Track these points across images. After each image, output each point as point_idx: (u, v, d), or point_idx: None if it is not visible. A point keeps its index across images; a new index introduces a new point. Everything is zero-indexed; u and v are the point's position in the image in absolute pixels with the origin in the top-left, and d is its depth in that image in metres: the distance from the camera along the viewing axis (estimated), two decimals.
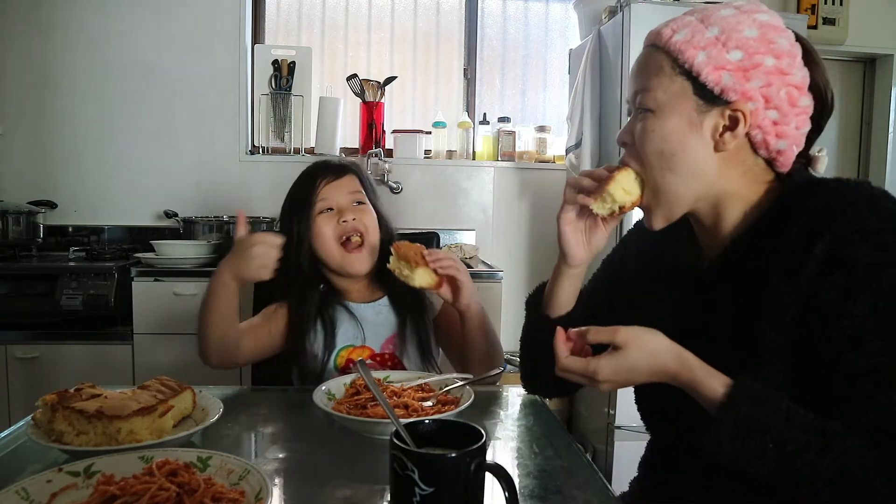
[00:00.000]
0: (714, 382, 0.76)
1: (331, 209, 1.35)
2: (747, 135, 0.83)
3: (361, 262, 1.35)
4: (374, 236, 1.37)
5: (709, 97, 0.82)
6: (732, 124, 0.82)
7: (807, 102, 0.83)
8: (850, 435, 0.70)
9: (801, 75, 0.82)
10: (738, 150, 0.84)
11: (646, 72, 0.86)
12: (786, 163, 0.85)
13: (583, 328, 0.82)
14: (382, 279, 1.39)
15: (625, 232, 1.14)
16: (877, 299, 0.72)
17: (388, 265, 1.21)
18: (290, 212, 1.38)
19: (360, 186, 1.40)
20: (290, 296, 1.36)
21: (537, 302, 1.09)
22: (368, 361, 1.33)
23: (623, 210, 0.89)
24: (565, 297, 1.03)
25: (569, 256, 0.99)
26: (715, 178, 0.85)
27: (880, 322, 0.72)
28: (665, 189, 0.86)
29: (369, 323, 1.36)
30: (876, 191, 0.78)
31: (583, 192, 0.93)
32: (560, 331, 0.84)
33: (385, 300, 1.40)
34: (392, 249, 1.21)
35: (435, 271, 1.17)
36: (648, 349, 0.78)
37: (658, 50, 0.85)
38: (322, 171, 1.38)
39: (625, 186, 0.88)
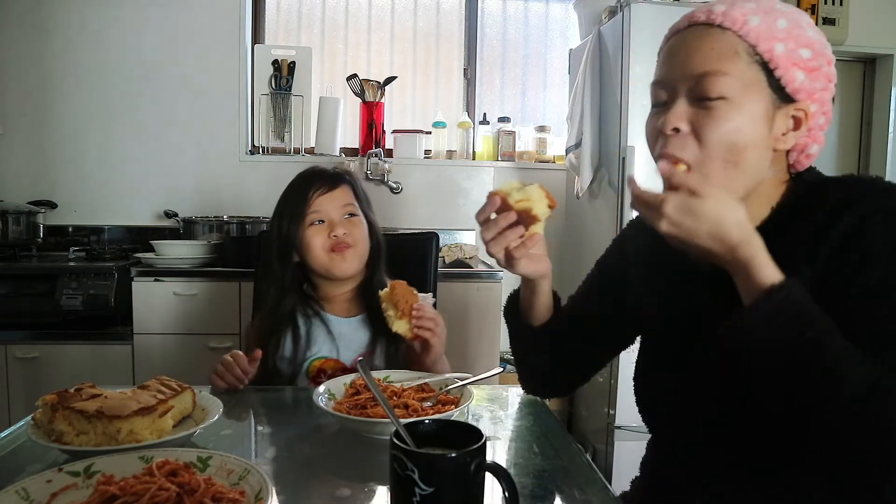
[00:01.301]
0: (772, 269, 0.72)
1: (322, 221, 1.36)
2: None
3: (348, 264, 1.36)
4: (363, 248, 1.39)
5: (781, 93, 0.79)
6: (796, 125, 0.81)
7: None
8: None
9: (835, 82, 0.83)
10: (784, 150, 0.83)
11: (713, 53, 0.78)
12: (807, 164, 0.86)
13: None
14: (364, 295, 1.41)
15: (618, 232, 1.14)
16: (889, 272, 0.72)
17: (380, 292, 1.24)
18: (281, 216, 1.39)
19: (353, 197, 1.40)
20: (269, 298, 1.38)
21: (515, 311, 1.09)
22: (338, 373, 1.34)
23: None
24: (545, 305, 1.04)
25: (542, 276, 1.00)
26: (762, 176, 0.83)
27: (890, 291, 0.71)
28: (719, 182, 0.79)
29: (345, 338, 1.38)
30: (889, 183, 0.79)
31: (514, 251, 0.91)
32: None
33: (363, 317, 1.41)
34: (389, 284, 1.23)
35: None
36: (724, 208, 0.72)
37: (725, 31, 0.79)
38: (315, 181, 1.38)
39: (541, 219, 0.90)
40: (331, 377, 1.33)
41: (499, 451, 0.97)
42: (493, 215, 0.91)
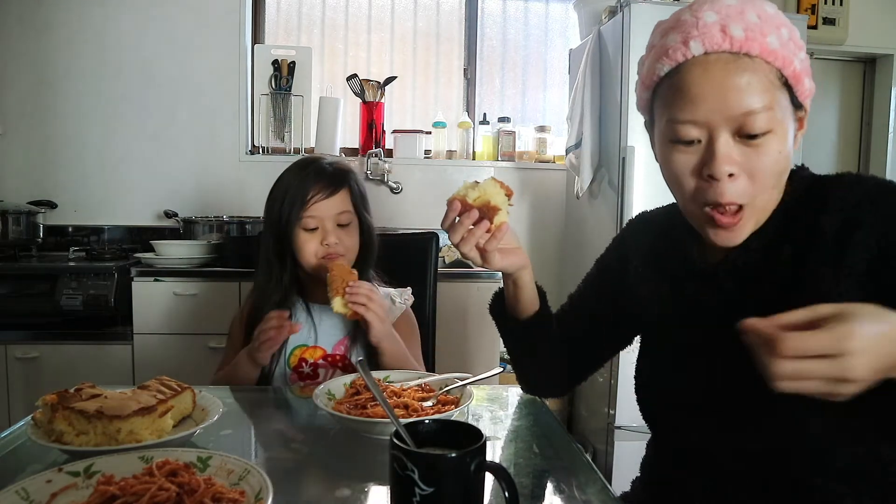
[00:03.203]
0: None
1: (316, 228, 1.35)
2: None
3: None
4: (352, 255, 1.39)
5: (795, 102, 0.81)
6: (800, 125, 0.83)
7: None
8: None
9: None
10: None
11: (751, 89, 0.75)
12: None
13: (776, 317, 0.59)
14: None
15: (618, 231, 1.14)
16: None
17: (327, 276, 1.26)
18: (282, 203, 1.36)
19: (350, 202, 1.38)
20: (265, 291, 1.38)
21: (502, 309, 1.09)
22: (320, 361, 1.36)
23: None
24: (530, 298, 1.05)
25: (520, 268, 1.00)
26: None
27: None
28: (765, 205, 0.81)
29: (324, 324, 1.39)
30: (883, 180, 0.80)
31: (486, 246, 0.93)
32: (759, 322, 0.59)
33: None
34: (328, 266, 1.25)
35: None
36: (879, 310, 0.59)
37: (754, 59, 0.76)
38: (315, 182, 1.35)
39: (502, 208, 0.92)
40: (312, 366, 1.35)
41: (499, 451, 0.97)
42: (457, 219, 0.93)
